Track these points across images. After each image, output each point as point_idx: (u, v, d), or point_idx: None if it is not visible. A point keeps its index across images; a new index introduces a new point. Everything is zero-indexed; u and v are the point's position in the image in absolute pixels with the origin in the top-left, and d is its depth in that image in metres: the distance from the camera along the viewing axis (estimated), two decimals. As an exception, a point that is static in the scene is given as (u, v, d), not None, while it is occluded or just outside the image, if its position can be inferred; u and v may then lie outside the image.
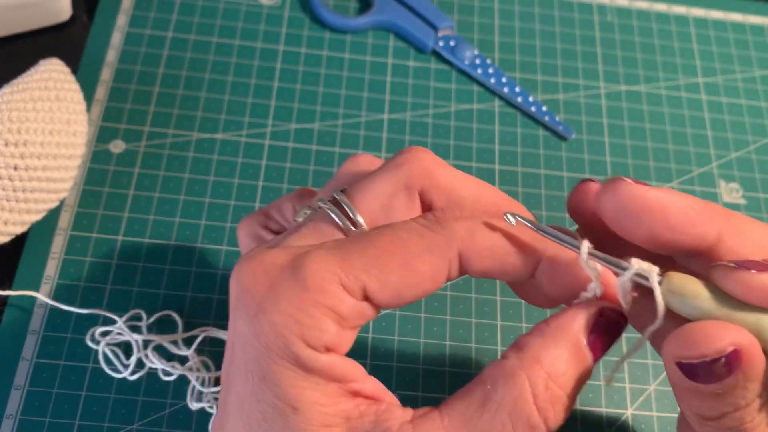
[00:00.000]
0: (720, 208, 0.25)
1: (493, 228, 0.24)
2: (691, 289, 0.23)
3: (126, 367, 0.37)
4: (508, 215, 0.25)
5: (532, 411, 0.22)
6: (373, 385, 0.24)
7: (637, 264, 0.23)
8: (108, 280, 0.39)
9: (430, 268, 0.23)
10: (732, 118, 0.50)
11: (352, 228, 0.25)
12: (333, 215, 0.25)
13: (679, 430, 0.30)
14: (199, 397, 0.37)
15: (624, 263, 0.24)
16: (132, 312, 0.38)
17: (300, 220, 0.27)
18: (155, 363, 0.37)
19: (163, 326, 0.39)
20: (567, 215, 0.45)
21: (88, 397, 0.36)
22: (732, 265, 0.23)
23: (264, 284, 0.22)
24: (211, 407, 0.36)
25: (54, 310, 0.38)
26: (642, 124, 0.49)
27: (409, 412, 0.23)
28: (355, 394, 0.23)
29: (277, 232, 0.31)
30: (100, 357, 0.37)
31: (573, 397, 0.23)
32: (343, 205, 0.25)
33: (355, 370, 0.23)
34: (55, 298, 0.39)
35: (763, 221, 0.46)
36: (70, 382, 0.37)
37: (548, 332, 0.24)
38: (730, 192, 0.47)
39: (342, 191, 0.26)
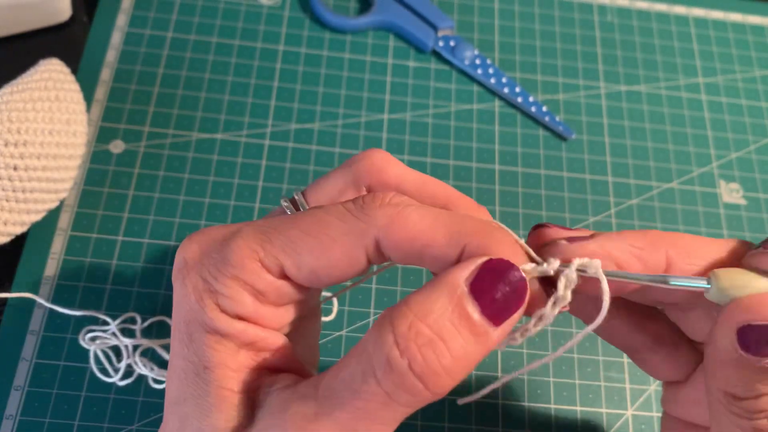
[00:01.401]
0: (657, 235, 0.25)
1: (418, 216, 0.23)
2: (741, 281, 0.24)
3: (117, 371, 0.37)
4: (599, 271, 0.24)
5: (392, 350, 0.21)
6: (286, 359, 0.24)
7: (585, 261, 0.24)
8: (108, 281, 0.39)
9: (346, 252, 0.23)
10: (732, 118, 0.50)
11: None
12: (287, 211, 0.28)
13: (663, 425, 0.31)
14: None
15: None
16: (126, 315, 0.38)
17: (281, 203, 0.29)
18: (143, 369, 0.36)
19: (164, 330, 0.39)
20: (566, 215, 0.45)
21: (87, 398, 0.36)
22: (763, 250, 0.24)
23: (196, 253, 0.24)
24: None
25: (54, 311, 0.38)
26: (642, 124, 0.49)
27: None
28: (269, 367, 0.24)
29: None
30: (91, 360, 0.37)
31: (453, 347, 0.21)
32: (300, 205, 0.28)
33: (273, 339, 0.24)
34: (55, 298, 0.39)
35: (763, 221, 0.46)
36: (70, 383, 0.37)
37: (426, 284, 0.22)
38: (730, 192, 0.47)
39: (301, 192, 0.29)
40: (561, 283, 0.23)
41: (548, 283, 0.24)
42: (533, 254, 0.24)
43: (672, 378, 0.30)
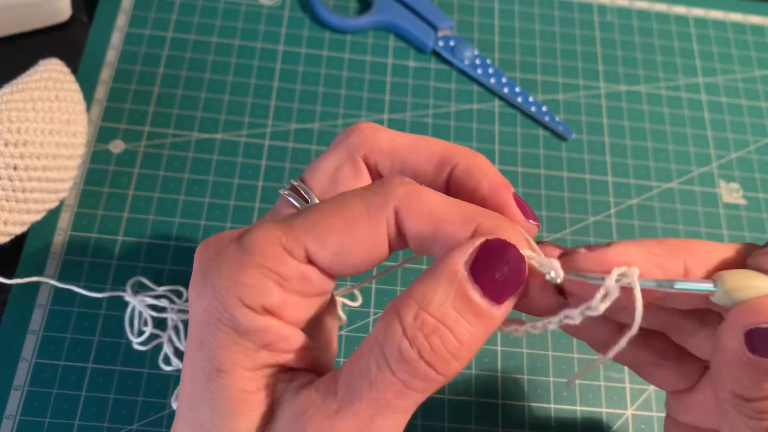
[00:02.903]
0: (674, 243, 0.25)
1: (434, 195, 0.24)
2: (746, 283, 0.23)
3: (140, 334, 0.38)
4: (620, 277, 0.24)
5: (402, 341, 0.21)
6: (306, 358, 0.24)
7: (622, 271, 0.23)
8: (108, 281, 0.39)
9: (369, 227, 0.23)
10: (732, 118, 0.50)
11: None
12: (292, 200, 0.28)
13: (666, 427, 0.31)
14: None
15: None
16: (173, 287, 0.39)
17: (281, 192, 0.29)
18: (166, 342, 0.37)
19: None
20: (566, 215, 0.45)
21: (87, 397, 0.36)
22: None
23: (212, 253, 0.23)
24: None
25: (54, 311, 0.38)
26: (642, 124, 0.49)
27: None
28: (285, 367, 0.24)
29: None
30: (126, 318, 0.38)
31: (458, 332, 0.22)
32: (300, 189, 0.28)
33: (292, 338, 0.23)
34: (55, 298, 0.39)
35: (763, 221, 0.46)
36: (70, 382, 0.37)
37: (427, 270, 0.23)
38: (730, 192, 0.47)
39: (300, 179, 0.28)
40: (599, 294, 0.23)
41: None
42: (536, 247, 0.24)
43: (678, 388, 0.30)
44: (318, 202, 0.27)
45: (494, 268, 0.22)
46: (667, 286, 0.23)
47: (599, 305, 0.23)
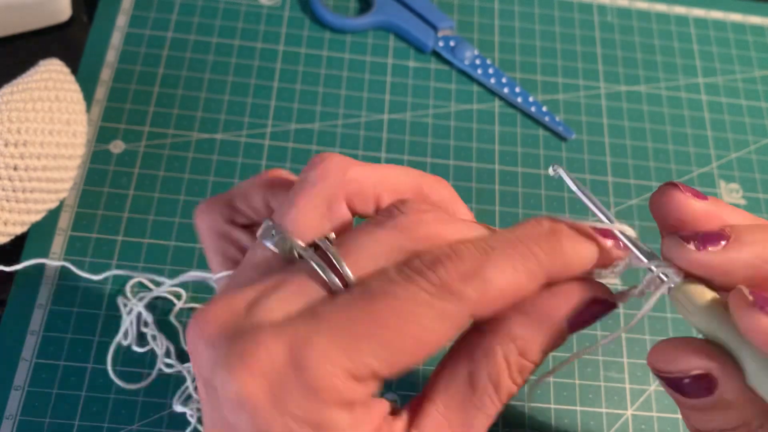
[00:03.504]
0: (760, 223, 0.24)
1: (499, 273, 0.22)
2: (698, 302, 0.22)
3: (141, 336, 0.38)
4: (557, 168, 0.25)
5: (508, 382, 0.24)
6: (383, 411, 0.23)
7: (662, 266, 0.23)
8: (108, 280, 0.39)
9: (441, 337, 0.22)
10: (732, 119, 0.50)
11: (338, 284, 0.23)
12: (320, 272, 0.23)
13: None
14: (186, 401, 0.36)
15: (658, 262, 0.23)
16: (180, 280, 0.38)
17: (268, 244, 0.24)
18: (158, 348, 0.37)
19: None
20: (566, 215, 0.45)
21: (88, 398, 0.36)
22: (750, 298, 0.21)
23: (265, 393, 0.20)
24: (191, 415, 0.36)
25: (54, 311, 0.38)
26: (642, 124, 0.49)
27: (403, 416, 0.23)
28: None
29: (245, 227, 0.28)
30: (124, 315, 0.38)
31: (540, 363, 0.25)
32: (331, 256, 0.23)
33: (384, 418, 0.23)
34: (55, 298, 0.39)
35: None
36: (70, 383, 0.37)
37: (533, 314, 0.24)
38: (730, 192, 0.47)
39: (327, 239, 0.24)
40: (644, 281, 0.24)
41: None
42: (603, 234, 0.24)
43: None
44: (353, 280, 0.22)
45: (593, 320, 0.24)
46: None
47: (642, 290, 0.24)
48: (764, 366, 0.21)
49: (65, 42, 0.47)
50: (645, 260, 0.24)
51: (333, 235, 0.25)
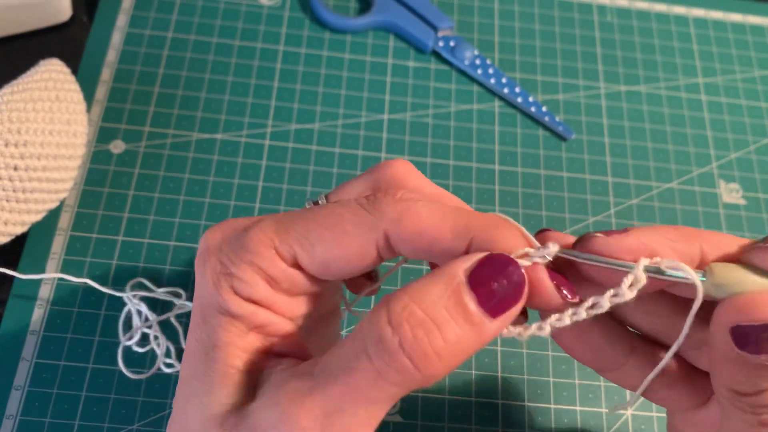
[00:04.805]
0: (688, 230, 0.25)
1: (427, 211, 0.24)
2: (735, 277, 0.23)
3: (142, 335, 0.37)
4: (548, 247, 0.24)
5: (385, 328, 0.21)
6: (297, 348, 0.26)
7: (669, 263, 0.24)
8: (108, 281, 0.39)
9: (357, 245, 0.24)
10: (732, 118, 0.50)
11: None
12: (307, 204, 0.28)
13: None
14: None
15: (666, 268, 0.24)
16: (173, 289, 0.39)
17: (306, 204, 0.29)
18: (157, 348, 0.37)
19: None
20: (566, 215, 0.45)
21: (88, 398, 0.37)
22: (766, 245, 0.24)
23: (218, 239, 0.25)
24: None
25: (54, 311, 0.38)
26: (642, 124, 0.49)
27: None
28: (274, 351, 0.25)
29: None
30: (121, 317, 0.38)
31: (446, 331, 0.21)
32: (321, 203, 0.28)
33: (283, 325, 0.25)
34: (55, 298, 0.39)
35: (763, 222, 0.46)
36: (70, 383, 0.37)
37: (438, 269, 0.23)
38: (730, 192, 0.47)
39: (325, 196, 0.29)
40: (627, 281, 0.23)
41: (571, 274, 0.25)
42: (536, 244, 0.24)
43: (690, 408, 0.29)
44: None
45: (493, 279, 0.22)
46: (655, 271, 0.23)
47: (626, 292, 0.23)
48: None
49: (65, 42, 0.47)
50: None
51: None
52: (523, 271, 0.23)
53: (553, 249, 0.24)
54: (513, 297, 0.23)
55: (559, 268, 0.25)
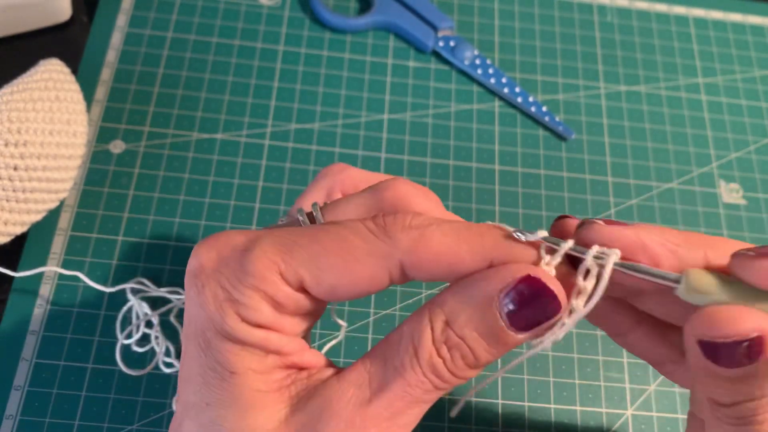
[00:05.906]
0: (697, 236, 0.25)
1: (441, 235, 0.24)
2: (708, 284, 0.23)
3: (142, 336, 0.37)
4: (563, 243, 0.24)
5: (431, 350, 0.23)
6: (312, 356, 0.25)
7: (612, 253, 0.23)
8: (108, 281, 0.39)
9: (369, 273, 0.24)
10: (732, 118, 0.50)
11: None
12: (302, 224, 0.27)
13: (689, 424, 0.30)
14: None
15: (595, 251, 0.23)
16: (171, 288, 0.39)
17: (280, 221, 0.29)
18: (157, 347, 0.37)
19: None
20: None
21: (88, 398, 0.37)
22: (751, 253, 0.23)
23: (214, 260, 0.24)
24: None
25: (54, 311, 0.38)
26: (642, 124, 0.49)
27: (339, 370, 0.25)
28: (293, 366, 0.25)
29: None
30: (119, 315, 0.38)
31: (477, 352, 0.24)
32: (315, 218, 0.27)
33: (293, 344, 0.25)
34: (55, 298, 0.39)
35: (763, 222, 0.46)
36: (70, 383, 0.37)
37: (465, 285, 0.24)
38: (730, 192, 0.47)
39: (320, 207, 0.28)
40: (580, 273, 0.23)
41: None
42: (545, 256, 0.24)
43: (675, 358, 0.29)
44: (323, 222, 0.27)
45: (529, 307, 0.23)
46: (631, 268, 0.23)
47: (582, 283, 0.23)
48: None
49: (65, 42, 0.47)
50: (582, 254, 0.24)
51: (322, 203, 0.28)
52: (560, 299, 0.23)
53: (566, 245, 0.24)
54: (545, 318, 0.23)
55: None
